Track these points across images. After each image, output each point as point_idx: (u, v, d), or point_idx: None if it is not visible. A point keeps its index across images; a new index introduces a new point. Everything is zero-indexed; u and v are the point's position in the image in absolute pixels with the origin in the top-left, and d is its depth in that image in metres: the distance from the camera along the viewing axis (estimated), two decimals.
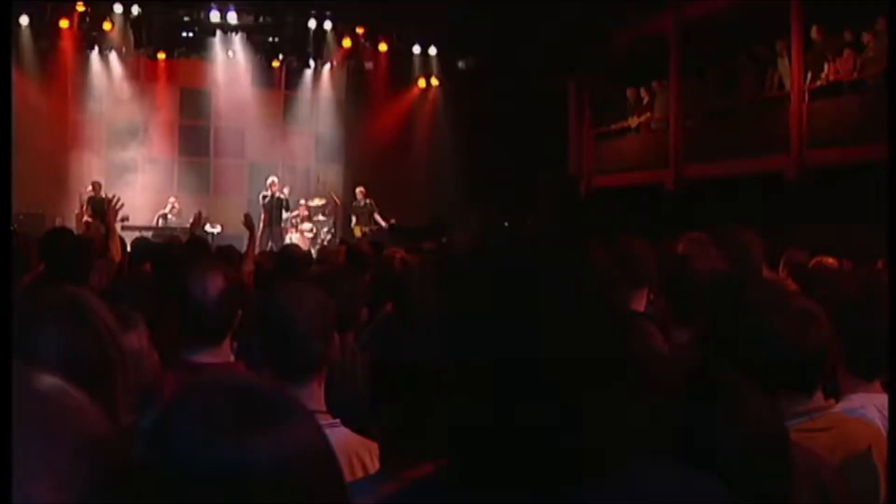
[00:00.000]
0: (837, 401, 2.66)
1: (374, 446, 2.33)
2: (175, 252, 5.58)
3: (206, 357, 2.85)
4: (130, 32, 17.20)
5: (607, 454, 1.21)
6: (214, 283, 2.91)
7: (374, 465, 2.33)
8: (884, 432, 2.56)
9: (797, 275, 5.09)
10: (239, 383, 1.18)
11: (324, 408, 2.44)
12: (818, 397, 2.52)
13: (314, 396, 2.43)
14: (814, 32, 13.04)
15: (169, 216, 16.66)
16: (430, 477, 1.32)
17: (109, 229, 6.57)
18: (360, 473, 2.31)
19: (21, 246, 4.64)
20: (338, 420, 2.41)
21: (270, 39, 18.48)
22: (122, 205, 6.83)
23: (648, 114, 16.86)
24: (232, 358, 3.02)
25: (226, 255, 6.30)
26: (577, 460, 1.20)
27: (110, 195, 6.97)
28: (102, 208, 13.21)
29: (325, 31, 18.29)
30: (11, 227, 8.05)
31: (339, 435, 2.37)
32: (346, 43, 18.49)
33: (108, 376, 1.58)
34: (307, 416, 1.17)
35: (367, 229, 16.37)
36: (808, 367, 2.48)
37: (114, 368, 1.59)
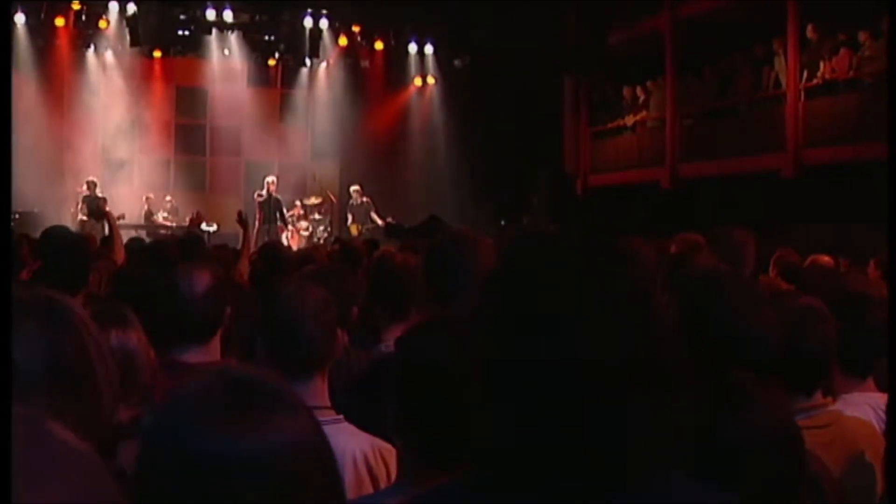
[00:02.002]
0: (834, 399, 2.67)
1: (379, 443, 2.36)
2: (167, 251, 5.57)
3: (194, 356, 2.86)
4: (126, 31, 17.15)
5: (639, 461, 1.19)
6: (201, 282, 2.92)
7: (377, 463, 2.36)
8: (879, 430, 2.57)
9: (787, 274, 5.11)
10: (237, 375, 1.19)
11: (328, 403, 2.46)
12: (817, 395, 2.53)
13: (318, 392, 2.45)
14: (809, 31, 13.05)
15: (159, 213, 16.67)
16: (452, 482, 1.32)
17: (114, 231, 6.56)
18: (363, 471, 2.34)
19: (15, 245, 4.63)
20: (341, 416, 2.43)
21: (266, 38, 18.46)
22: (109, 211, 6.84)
23: (644, 112, 16.86)
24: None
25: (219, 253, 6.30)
26: (611, 467, 1.18)
27: (103, 195, 6.98)
28: (97, 208, 13.21)
29: (321, 30, 18.27)
30: (11, 226, 8.05)
31: (344, 431, 2.39)
32: (343, 41, 18.47)
33: (89, 376, 1.58)
34: (304, 409, 1.17)
35: (363, 228, 16.37)
36: (808, 365, 2.49)
37: (95, 368, 1.59)
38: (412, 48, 19.00)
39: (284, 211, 16.35)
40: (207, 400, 1.11)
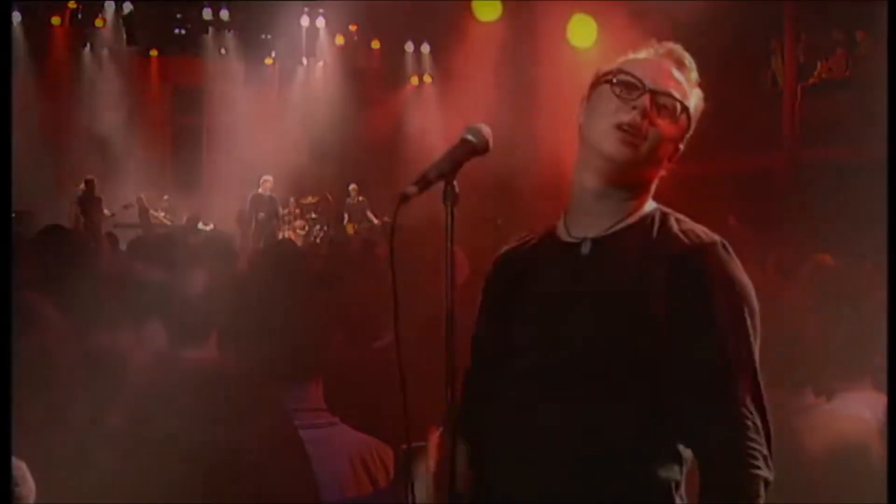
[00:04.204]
0: (828, 399, 2.67)
1: (376, 443, 2.37)
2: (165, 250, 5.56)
3: (192, 353, 2.86)
4: (123, 30, 17.12)
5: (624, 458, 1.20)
6: (198, 281, 2.93)
7: (374, 463, 2.36)
8: (876, 429, 2.57)
9: (783, 274, 5.13)
10: (212, 372, 1.20)
11: (324, 405, 2.45)
12: (808, 395, 2.53)
13: (314, 394, 2.44)
14: (804, 39, 13.09)
15: (159, 211, 16.65)
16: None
17: (95, 227, 6.55)
18: (360, 470, 2.34)
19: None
20: (336, 418, 2.43)
21: (263, 37, 18.44)
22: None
23: None
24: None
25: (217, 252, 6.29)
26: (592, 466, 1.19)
27: (99, 194, 6.96)
28: (94, 206, 13.16)
29: (317, 29, 18.25)
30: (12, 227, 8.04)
31: (340, 432, 2.40)
32: (339, 41, 18.45)
33: (55, 372, 1.59)
34: (279, 410, 1.19)
35: (359, 227, 16.36)
36: (797, 364, 2.50)
37: (62, 365, 1.60)
38: (409, 47, 18.99)
39: (280, 210, 16.34)
40: (184, 394, 1.13)
